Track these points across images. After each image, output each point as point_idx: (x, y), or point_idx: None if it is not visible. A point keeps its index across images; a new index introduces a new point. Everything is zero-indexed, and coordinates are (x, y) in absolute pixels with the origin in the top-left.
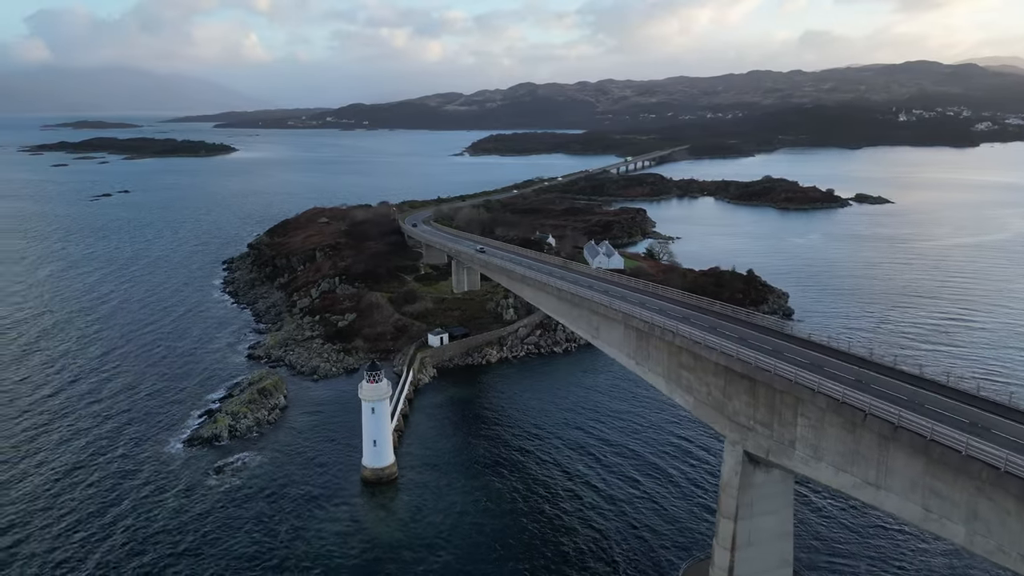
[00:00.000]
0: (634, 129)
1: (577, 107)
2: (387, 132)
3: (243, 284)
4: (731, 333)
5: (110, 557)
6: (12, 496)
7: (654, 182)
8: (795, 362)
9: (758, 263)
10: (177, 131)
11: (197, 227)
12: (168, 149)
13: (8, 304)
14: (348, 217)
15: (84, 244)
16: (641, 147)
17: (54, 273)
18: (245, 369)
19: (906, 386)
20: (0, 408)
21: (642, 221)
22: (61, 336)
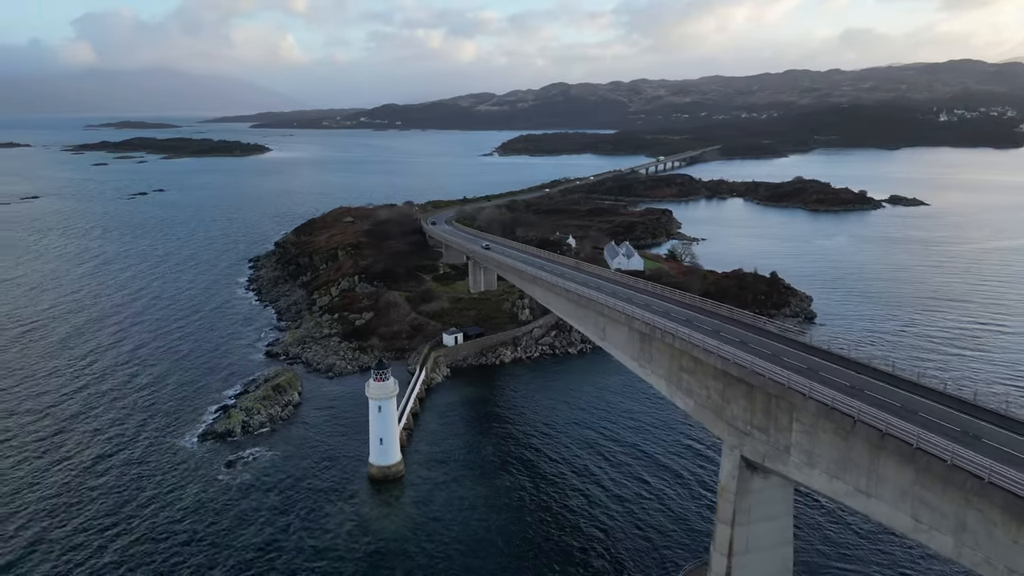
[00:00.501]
0: (666, 129)
1: (609, 107)
2: (419, 132)
3: (267, 282)
4: (732, 337)
5: (120, 547)
6: (34, 486)
7: (682, 183)
8: (793, 367)
9: (783, 265)
10: (214, 131)
11: (227, 226)
12: (204, 149)
13: (46, 300)
14: (372, 217)
15: (119, 242)
16: (672, 147)
17: (90, 270)
18: (263, 366)
19: (901, 392)
20: (29, 401)
21: (667, 222)
22: (93, 331)
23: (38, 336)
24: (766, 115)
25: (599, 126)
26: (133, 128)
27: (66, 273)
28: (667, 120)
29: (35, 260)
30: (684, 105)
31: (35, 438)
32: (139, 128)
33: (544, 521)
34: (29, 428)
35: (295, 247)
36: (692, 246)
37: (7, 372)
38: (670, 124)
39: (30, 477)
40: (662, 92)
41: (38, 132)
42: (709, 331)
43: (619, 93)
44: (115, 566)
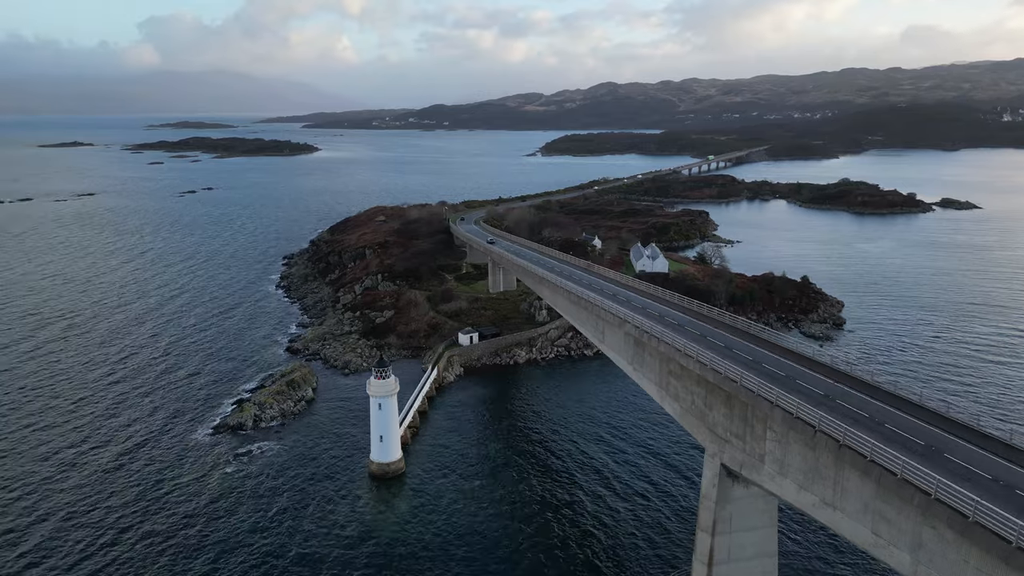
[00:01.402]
0: (714, 129)
1: (658, 106)
2: (466, 133)
3: (296, 279)
4: (718, 342)
5: (119, 529)
6: (58, 471)
7: (724, 184)
8: (771, 374)
9: (818, 270)
10: (267, 131)
11: (269, 223)
12: (255, 148)
13: (93, 295)
14: (403, 216)
15: (166, 238)
16: (718, 147)
17: (136, 266)
18: (283, 361)
19: (875, 403)
20: (67, 392)
21: (702, 224)
22: (132, 326)
23: (82, 330)
24: (820, 115)
25: (647, 126)
26: (191, 128)
27: (113, 269)
28: (716, 120)
29: (85, 256)
30: (735, 105)
31: (70, 427)
32: (197, 128)
33: (541, 523)
34: (62, 419)
35: (327, 245)
36: (723, 249)
37: (48, 364)
38: (719, 124)
39: (55, 463)
40: (712, 92)
41: (102, 132)
42: (696, 336)
43: (668, 93)
44: (110, 547)
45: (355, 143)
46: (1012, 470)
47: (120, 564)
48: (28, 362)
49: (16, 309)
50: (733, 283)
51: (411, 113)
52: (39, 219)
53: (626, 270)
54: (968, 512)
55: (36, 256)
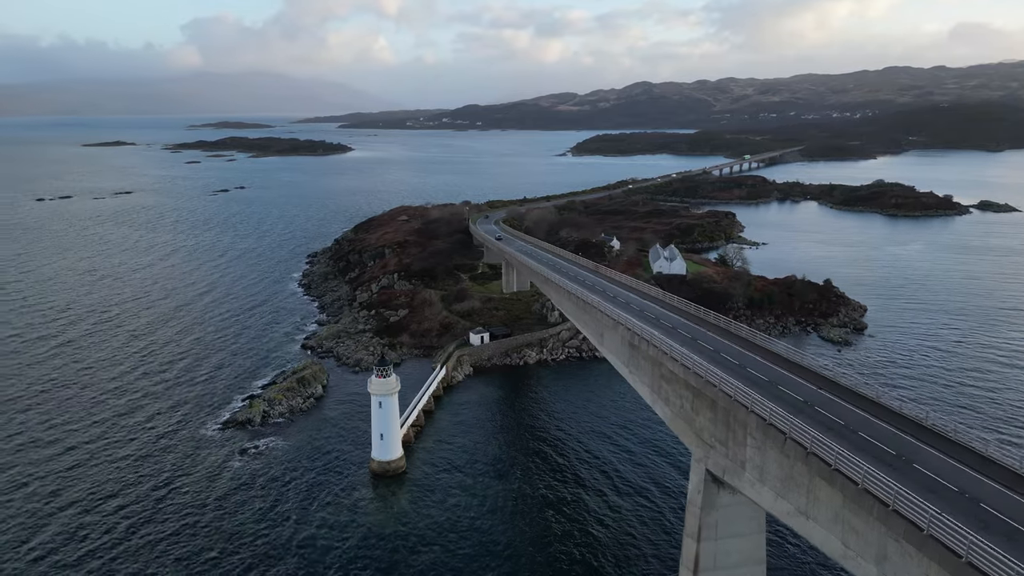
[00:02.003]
0: (749, 129)
1: (693, 106)
2: (499, 133)
3: (317, 277)
4: (708, 346)
5: (123, 525)
6: (70, 461)
7: (754, 184)
8: (755, 379)
9: (844, 273)
10: (304, 131)
11: (296, 222)
12: (290, 148)
13: (123, 291)
14: (425, 215)
15: (196, 236)
16: (751, 148)
17: (166, 263)
18: (297, 358)
19: (854, 410)
20: (89, 388)
21: (728, 225)
22: (157, 323)
23: (110, 326)
24: (860, 114)
25: (681, 126)
26: (230, 128)
27: (145, 266)
28: (753, 120)
29: (119, 253)
30: (772, 104)
31: (89, 421)
32: (235, 128)
33: (541, 523)
34: (83, 412)
35: (348, 244)
36: (745, 251)
37: (75, 358)
38: (755, 124)
39: (71, 455)
40: (749, 91)
41: (145, 131)
42: (687, 339)
43: (704, 92)
44: (110, 536)
45: (388, 143)
46: (981, 481)
47: (118, 556)
48: (56, 356)
49: (48, 304)
50: (752, 286)
51: (445, 113)
52: (77, 216)
53: (644, 271)
54: (923, 524)
55: (71, 252)
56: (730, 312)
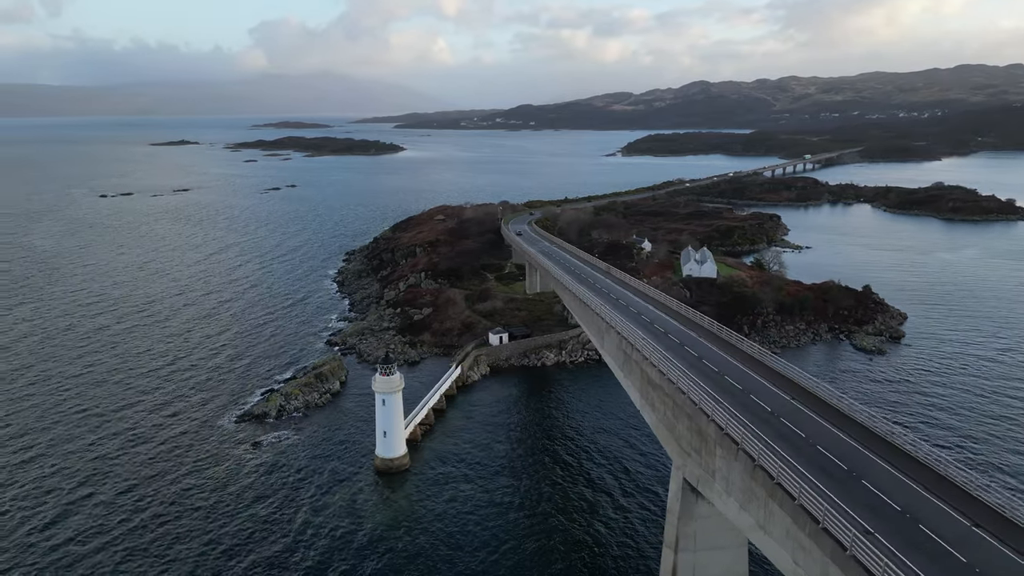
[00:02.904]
0: (808, 129)
1: (752, 106)
2: (551, 133)
3: (351, 275)
4: (693, 351)
5: (127, 511)
6: (90, 446)
7: (804, 186)
8: (729, 387)
9: (888, 278)
10: (360, 131)
11: (340, 220)
12: (344, 148)
13: (166, 284)
14: (459, 215)
15: (242, 233)
16: (808, 148)
17: (211, 258)
18: (320, 353)
19: (820, 422)
20: (119, 375)
21: (771, 228)
22: (193, 316)
23: (152, 319)
24: (928, 114)
25: (738, 126)
26: (291, 128)
27: (191, 262)
28: (814, 120)
29: (170, 249)
30: (835, 103)
31: (118, 411)
32: (295, 128)
33: (539, 525)
34: (115, 402)
35: (384, 243)
36: (784, 254)
37: (115, 350)
38: (816, 124)
39: (96, 444)
40: (812, 90)
41: (210, 131)
42: (675, 344)
43: (764, 91)
44: (114, 522)
45: (440, 143)
46: (926, 500)
47: (122, 544)
48: (99, 346)
49: (97, 297)
50: (783, 290)
51: (498, 113)
52: (135, 213)
53: (674, 274)
54: (847, 543)
55: (125, 247)
56: (758, 317)
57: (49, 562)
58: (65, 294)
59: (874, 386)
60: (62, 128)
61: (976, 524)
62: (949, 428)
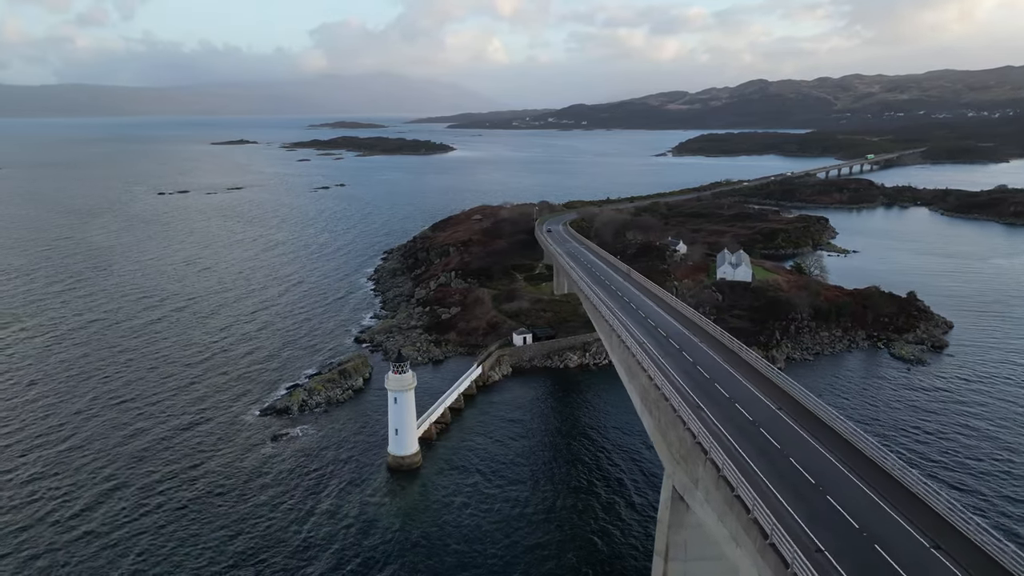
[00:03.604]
0: (869, 129)
1: (812, 105)
2: (603, 132)
3: (386, 273)
4: (689, 357)
5: (146, 499)
6: (123, 436)
7: (857, 188)
8: (717, 394)
9: (937, 285)
10: (413, 131)
11: (383, 219)
12: (396, 147)
13: (211, 280)
14: (495, 215)
15: (288, 231)
16: (867, 149)
17: (255, 255)
18: (348, 350)
19: (798, 431)
20: (157, 367)
21: (817, 231)
22: (234, 311)
23: (191, 313)
24: (999, 113)
25: (796, 125)
26: (346, 128)
27: (236, 258)
28: (877, 119)
29: (217, 245)
30: (899, 103)
31: (149, 402)
32: (350, 128)
33: (545, 530)
34: (147, 392)
35: (420, 242)
36: (827, 258)
37: (152, 342)
38: (878, 124)
39: (125, 433)
40: (875, 88)
41: (268, 131)
42: (675, 349)
43: (824, 90)
44: (131, 510)
45: (491, 143)
46: (890, 520)
47: (135, 530)
48: (135, 339)
49: (144, 292)
50: (820, 296)
51: (551, 113)
52: (189, 210)
53: (708, 277)
54: (789, 559)
55: (175, 243)
56: (792, 323)
57: (72, 546)
58: (115, 288)
59: (908, 393)
60: (132, 128)
61: (936, 546)
62: (988, 438)
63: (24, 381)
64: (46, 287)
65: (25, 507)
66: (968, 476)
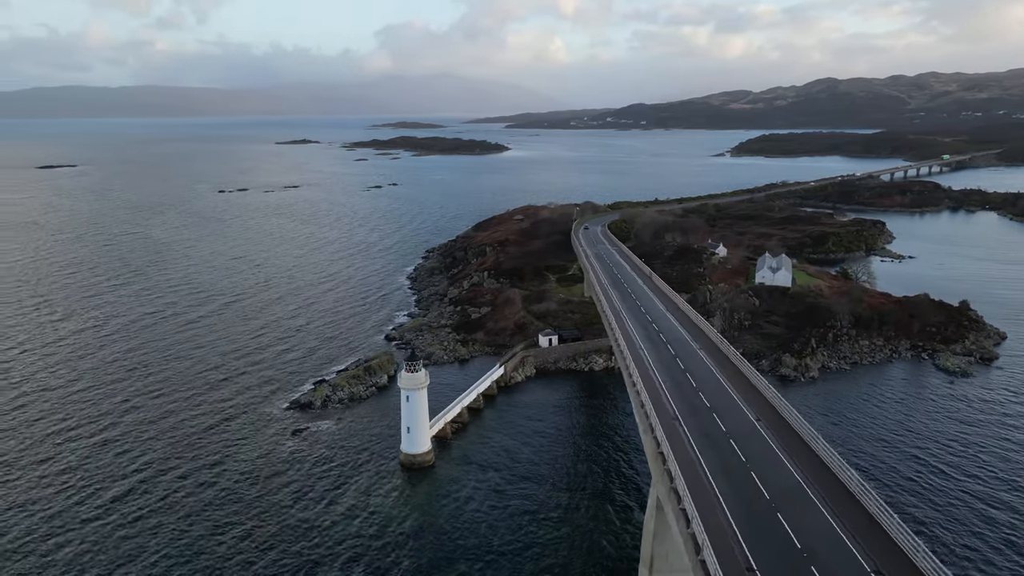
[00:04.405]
0: (943, 129)
1: (883, 104)
2: (662, 132)
3: (424, 272)
4: (681, 363)
5: (163, 488)
6: (150, 422)
7: (921, 191)
8: (698, 404)
9: (994, 294)
10: (470, 131)
11: (430, 219)
12: (451, 147)
13: (257, 276)
14: (535, 215)
15: (337, 229)
16: (941, 150)
17: (303, 253)
18: (378, 347)
19: (770, 446)
20: (193, 361)
21: (872, 235)
22: (276, 307)
23: (236, 307)
24: None
25: (865, 125)
26: (406, 128)
27: (283, 255)
28: (952, 119)
29: (267, 242)
30: (978, 102)
31: (184, 395)
32: (411, 128)
33: (548, 534)
34: (183, 385)
35: (460, 241)
36: (876, 264)
37: (197, 335)
38: (954, 124)
39: (158, 425)
40: (952, 87)
41: (331, 131)
42: (670, 356)
43: (897, 89)
44: (147, 497)
45: (547, 143)
46: (839, 540)
47: (159, 525)
48: (179, 334)
49: (192, 286)
50: (863, 302)
51: (609, 112)
52: (246, 207)
53: (745, 281)
54: None
55: (229, 240)
56: (830, 330)
57: (97, 533)
58: (168, 283)
59: (947, 404)
60: (203, 128)
61: (878, 571)
62: None
63: (73, 374)
64: (105, 280)
65: (59, 495)
66: (1004, 491)
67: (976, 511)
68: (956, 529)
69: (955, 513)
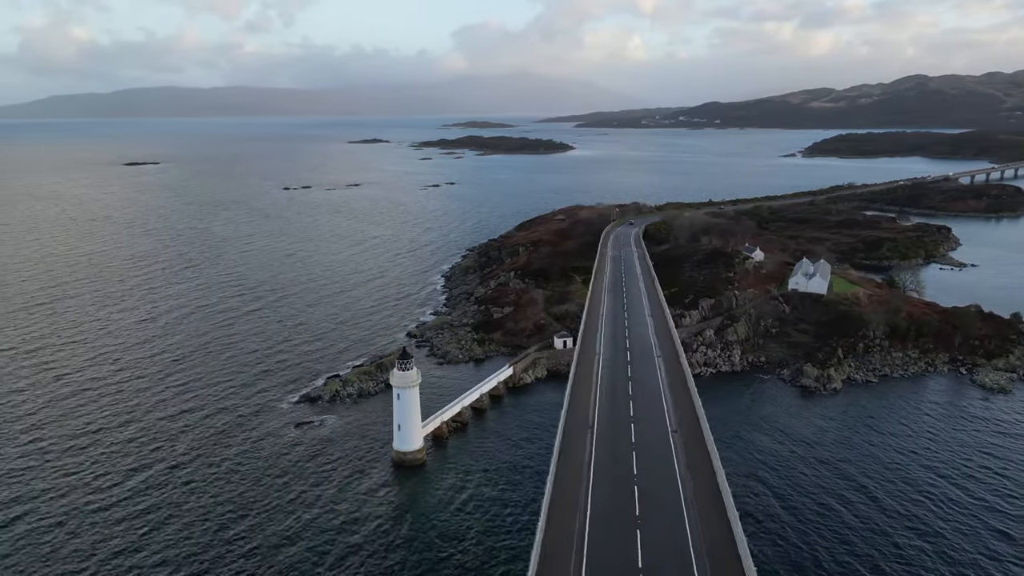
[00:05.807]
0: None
1: (976, 102)
2: (736, 131)
3: (459, 271)
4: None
5: (162, 476)
6: (163, 414)
7: (1000, 195)
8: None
9: None
10: (538, 130)
11: (481, 218)
12: (516, 147)
13: (302, 272)
14: (574, 216)
15: (389, 227)
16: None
17: (350, 250)
18: (397, 344)
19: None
20: (226, 354)
21: (933, 241)
22: (310, 303)
23: (274, 306)
24: None
25: (955, 125)
26: (476, 127)
27: (333, 251)
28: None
29: (319, 238)
30: None
31: (205, 388)
32: (481, 127)
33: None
34: (208, 377)
35: (498, 241)
36: (924, 272)
37: (228, 333)
38: None
39: (175, 415)
40: None
41: (403, 130)
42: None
43: (993, 86)
44: (152, 488)
45: (613, 143)
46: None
47: (155, 507)
48: (219, 329)
49: (240, 281)
50: (901, 312)
51: (683, 111)
52: (306, 205)
53: (777, 287)
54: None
55: (284, 236)
56: (861, 340)
57: (93, 516)
58: (219, 278)
59: (974, 423)
60: (283, 127)
61: None
62: None
63: (114, 364)
64: (162, 273)
65: (69, 476)
66: (1016, 522)
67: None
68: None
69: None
